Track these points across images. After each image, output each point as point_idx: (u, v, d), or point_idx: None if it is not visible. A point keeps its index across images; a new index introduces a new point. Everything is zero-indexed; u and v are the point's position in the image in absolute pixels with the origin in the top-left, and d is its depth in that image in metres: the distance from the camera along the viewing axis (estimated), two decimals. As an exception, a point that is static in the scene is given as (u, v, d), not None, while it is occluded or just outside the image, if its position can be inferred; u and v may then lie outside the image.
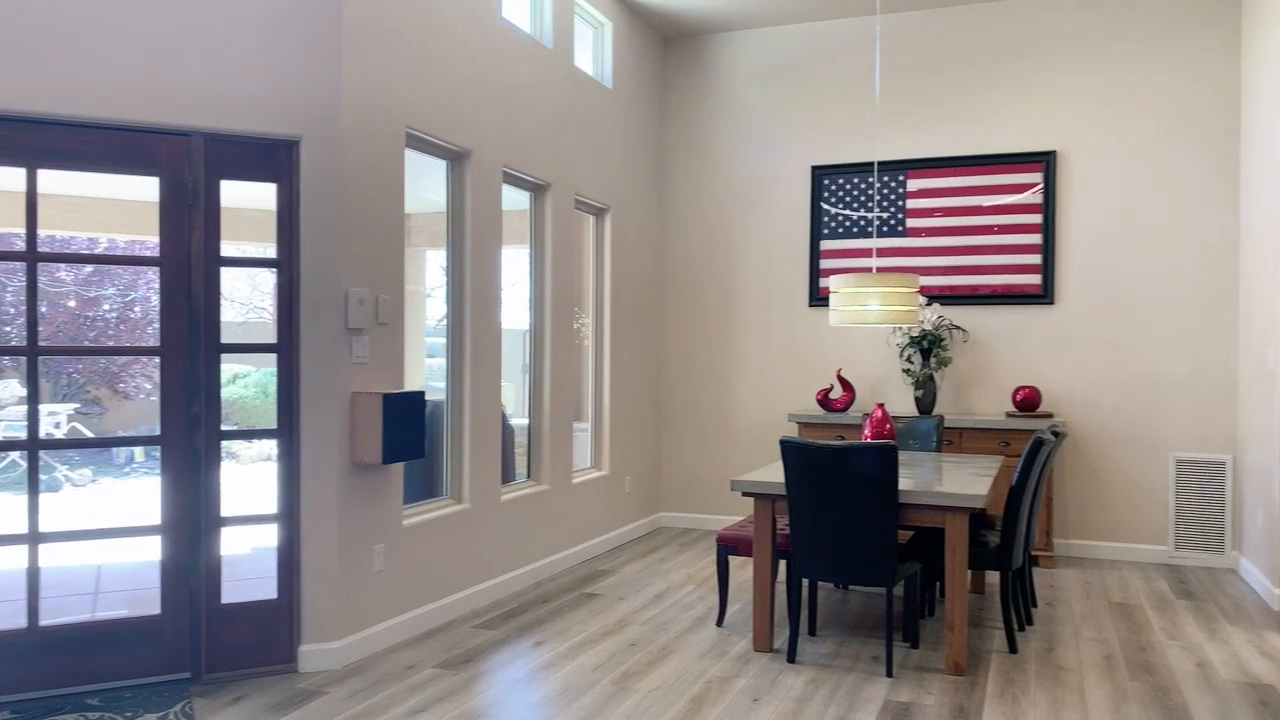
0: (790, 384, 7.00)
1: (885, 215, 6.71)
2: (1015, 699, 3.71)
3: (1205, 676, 3.99)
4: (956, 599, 3.98)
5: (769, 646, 4.28)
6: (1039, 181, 6.38)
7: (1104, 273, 6.28)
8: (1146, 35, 6.18)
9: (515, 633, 4.56)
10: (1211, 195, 6.06)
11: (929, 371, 6.30)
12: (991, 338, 6.51)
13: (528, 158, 5.50)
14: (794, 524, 4.09)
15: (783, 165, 7.02)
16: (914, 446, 5.58)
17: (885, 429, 4.73)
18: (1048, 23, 6.39)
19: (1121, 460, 6.25)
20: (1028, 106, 6.43)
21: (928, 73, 6.65)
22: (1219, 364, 6.06)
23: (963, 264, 6.53)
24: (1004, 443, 6.02)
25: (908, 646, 4.36)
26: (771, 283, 7.05)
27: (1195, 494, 6.06)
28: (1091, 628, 4.69)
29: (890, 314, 4.54)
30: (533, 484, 5.73)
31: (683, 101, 7.30)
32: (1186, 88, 6.11)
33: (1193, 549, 6.07)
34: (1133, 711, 3.59)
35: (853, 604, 5.09)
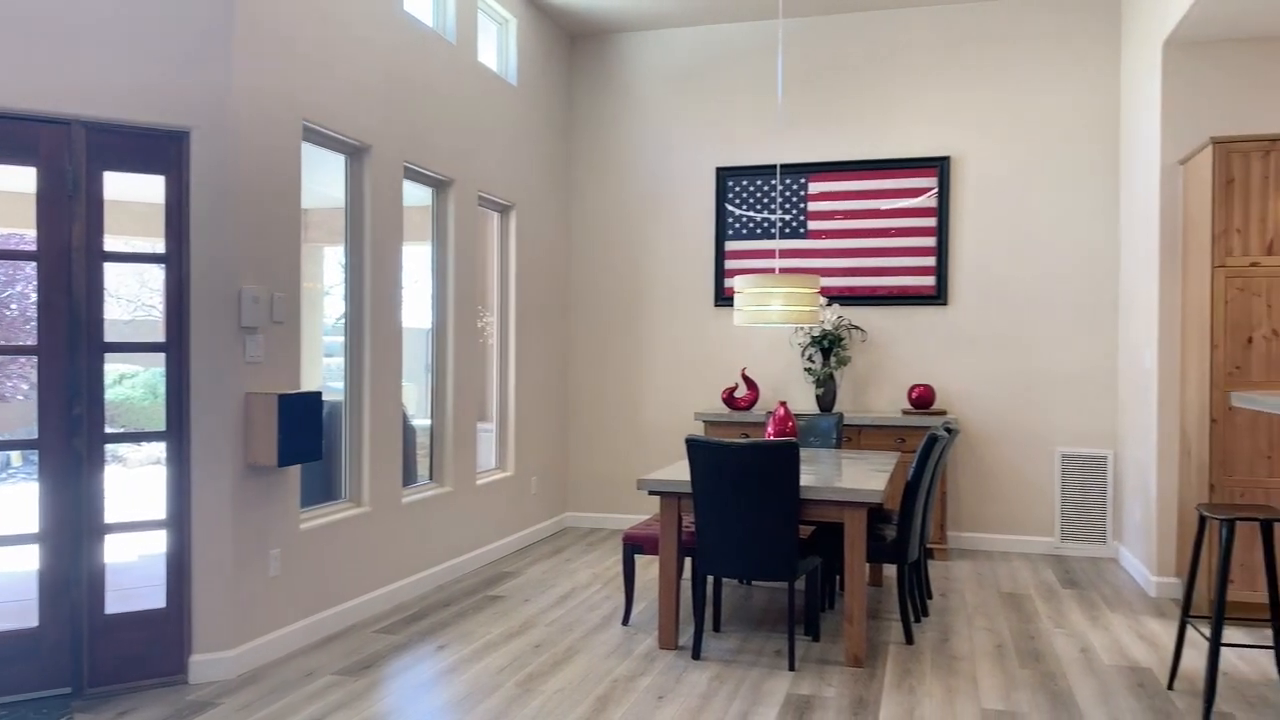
0: (696, 383, 7.06)
1: (787, 217, 6.82)
2: (912, 689, 3.82)
3: (1089, 662, 4.17)
4: (855, 592, 4.07)
5: (674, 644, 4.30)
6: (934, 186, 6.58)
7: (994, 275, 6.51)
8: (1033, 47, 6.44)
9: (417, 637, 4.48)
10: (1094, 201, 6.35)
11: (829, 370, 6.44)
12: (888, 337, 6.69)
13: (430, 153, 5.41)
14: (699, 522, 4.13)
15: (688, 166, 7.08)
16: (815, 443, 5.69)
17: (788, 427, 4.81)
18: (941, 32, 6.59)
19: (1010, 455, 6.49)
20: (924, 113, 6.63)
21: (829, 77, 6.79)
22: (1101, 363, 6.35)
23: (861, 265, 6.69)
24: (900, 439, 6.19)
25: (809, 640, 4.44)
26: (678, 282, 7.10)
27: (1079, 487, 6.34)
28: (983, 618, 4.85)
29: (792, 314, 4.62)
30: (435, 485, 5.64)
31: (589, 100, 7.29)
32: (1071, 98, 6.38)
33: (1077, 540, 6.35)
34: (1022, 698, 3.73)
35: (756, 599, 5.16)
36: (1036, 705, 3.64)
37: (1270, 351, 4.70)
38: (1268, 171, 4.72)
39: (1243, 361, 4.73)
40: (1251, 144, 4.73)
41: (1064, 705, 3.64)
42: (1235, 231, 4.75)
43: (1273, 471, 4.69)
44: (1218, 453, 4.75)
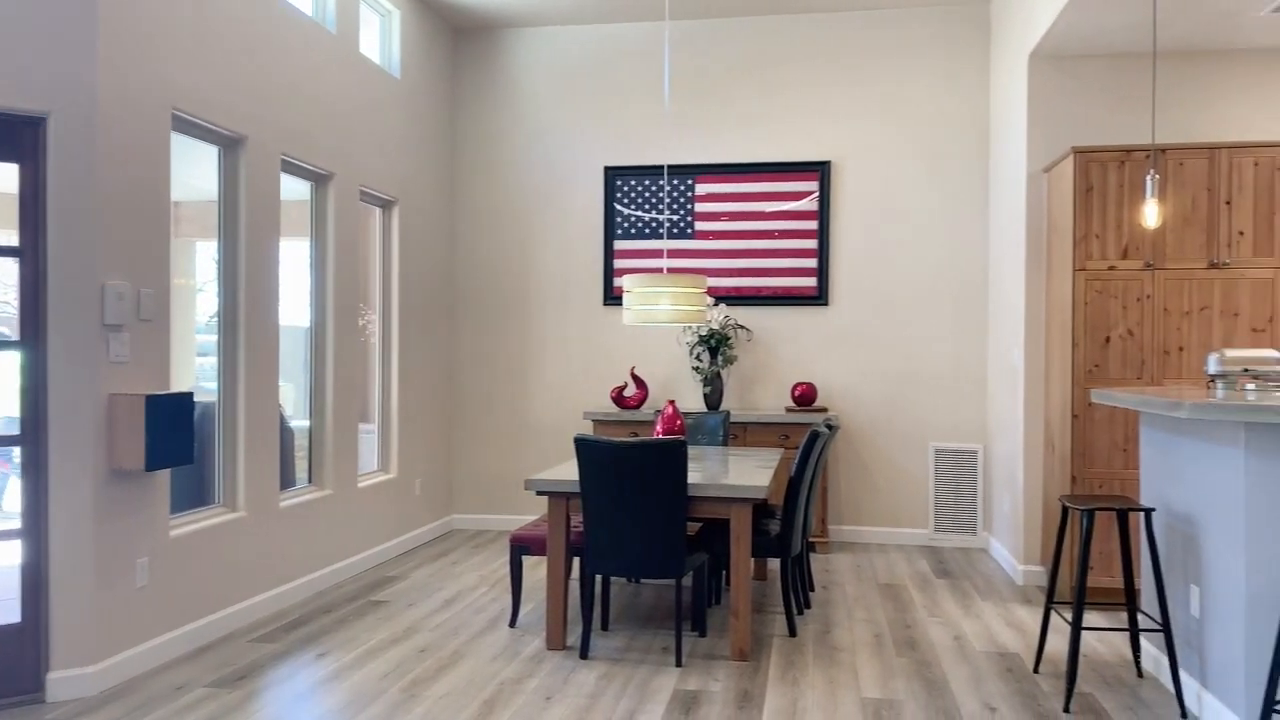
0: (586, 382, 7.05)
1: (675, 218, 6.88)
2: (795, 680, 3.90)
3: (961, 649, 4.34)
4: (741, 587, 4.14)
5: (562, 644, 4.29)
6: (815, 190, 6.74)
7: (872, 277, 6.72)
8: (909, 56, 6.67)
9: (296, 645, 4.34)
10: (966, 206, 6.62)
11: (716, 369, 6.52)
12: (773, 337, 6.82)
13: (309, 146, 5.25)
14: (588, 521, 4.12)
15: (577, 164, 7.06)
16: (703, 441, 5.76)
17: (676, 425, 4.85)
18: (823, 40, 6.76)
19: (888, 450, 6.71)
20: (806, 118, 6.79)
21: (716, 80, 6.88)
22: (972, 361, 6.62)
23: (747, 266, 6.81)
24: (784, 436, 6.32)
25: (696, 635, 4.49)
26: (567, 281, 7.08)
27: (951, 481, 6.60)
28: (863, 609, 5.00)
29: (680, 313, 4.66)
30: (314, 489, 5.47)
31: (476, 96, 7.19)
32: (944, 106, 6.64)
33: (950, 531, 6.61)
34: (899, 686, 3.86)
35: (644, 597, 5.19)
36: (913, 693, 3.77)
37: (1126, 350, 4.99)
38: (1123, 180, 5.00)
39: (1101, 360, 5.01)
40: (1109, 154, 5.01)
41: (938, 692, 3.78)
42: (1094, 237, 5.02)
43: (1128, 463, 4.98)
44: (1079, 446, 5.02)
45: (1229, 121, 5.45)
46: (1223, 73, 5.45)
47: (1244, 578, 3.21)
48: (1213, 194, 4.92)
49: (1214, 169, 4.92)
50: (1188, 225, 4.94)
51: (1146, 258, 4.97)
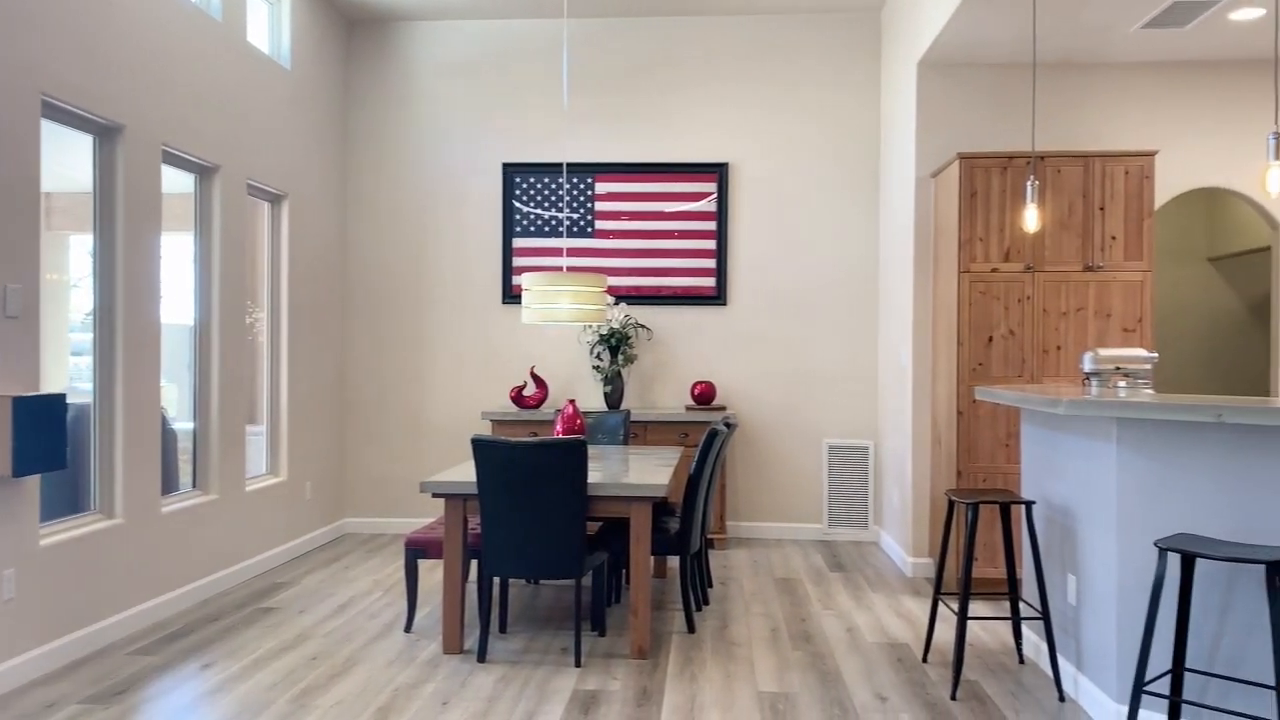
0: (484, 381, 6.97)
1: (575, 216, 6.86)
2: (693, 676, 3.94)
3: (854, 641, 4.45)
4: (640, 586, 4.15)
5: (459, 648, 4.23)
6: (714, 191, 6.81)
7: (769, 278, 6.83)
8: (803, 61, 6.80)
9: (179, 656, 4.16)
10: (858, 209, 6.78)
11: (617, 368, 6.53)
12: (673, 336, 6.87)
13: (193, 137, 5.04)
14: (485, 523, 4.07)
15: (475, 161, 6.98)
16: (603, 440, 5.75)
17: (576, 424, 4.84)
18: (720, 42, 6.84)
19: (784, 447, 6.84)
20: (705, 119, 6.85)
21: (616, 79, 6.89)
22: (864, 360, 6.80)
23: (647, 266, 6.84)
24: (683, 434, 6.37)
25: (596, 635, 4.49)
26: (464, 279, 6.98)
27: (844, 476, 6.76)
28: (760, 603, 5.08)
29: (580, 312, 4.64)
30: (199, 493, 5.26)
31: (371, 89, 7.03)
32: (837, 111, 6.79)
33: (843, 526, 6.77)
34: (794, 679, 3.93)
35: (543, 598, 5.16)
36: (808, 685, 3.85)
37: (1007, 349, 5.19)
38: (1005, 186, 5.20)
39: (984, 359, 5.20)
40: (992, 160, 5.21)
41: (832, 683, 3.87)
42: (978, 240, 5.21)
43: (1010, 458, 5.19)
44: (964, 442, 5.20)
45: (1103, 131, 5.73)
46: (1097, 84, 5.73)
47: (1116, 566, 3.38)
48: (1088, 200, 5.16)
49: (1089, 176, 5.16)
50: (1065, 230, 5.17)
51: (1027, 260, 5.18)
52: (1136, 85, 5.72)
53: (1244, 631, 3.09)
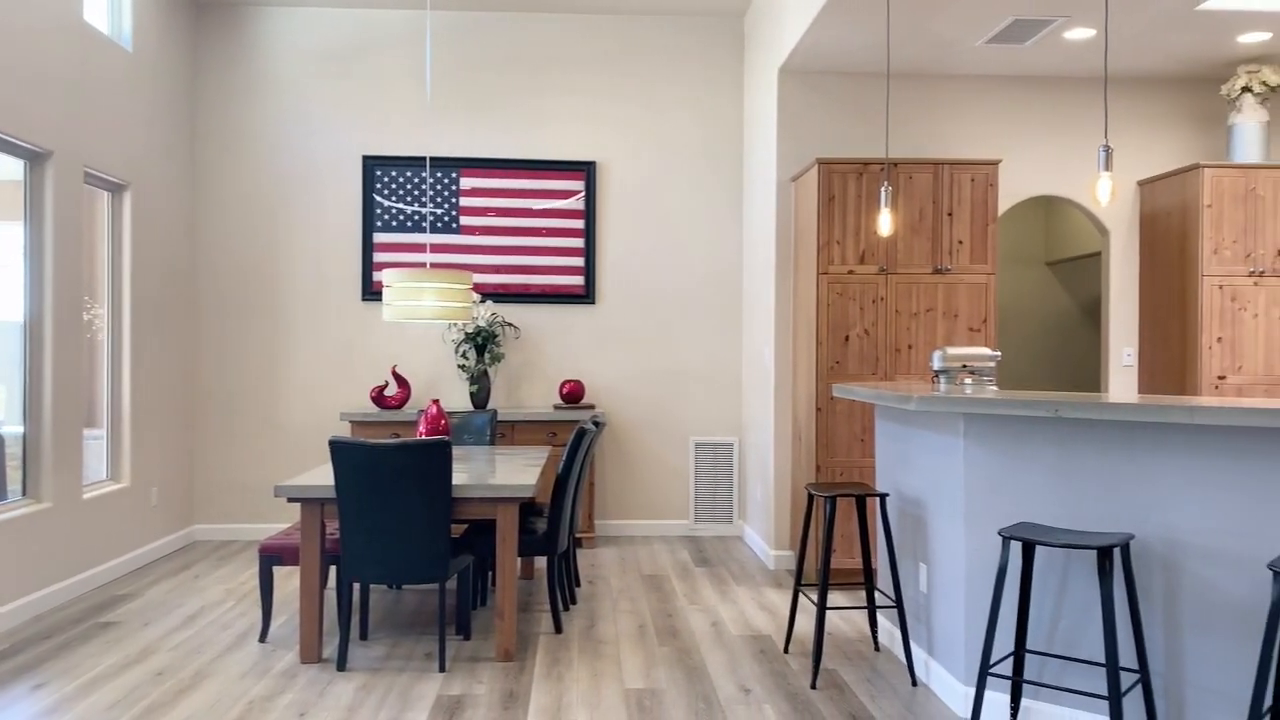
0: (343, 381, 6.76)
1: (439, 211, 6.73)
2: (560, 677, 3.92)
3: (719, 634, 4.53)
4: (506, 587, 4.10)
5: (318, 657, 4.08)
6: (582, 189, 6.81)
7: (637, 277, 6.87)
8: (670, 63, 6.87)
9: (8, 676, 3.87)
10: (723, 210, 6.90)
11: (483, 367, 6.44)
12: (541, 334, 6.83)
13: (22, 120, 4.69)
14: (345, 527, 3.94)
15: (334, 153, 6.75)
16: (469, 441, 5.67)
17: (440, 425, 4.74)
18: (588, 40, 6.84)
19: (652, 445, 6.90)
20: (573, 117, 6.84)
21: (481, 74, 6.79)
22: (729, 359, 6.92)
23: (514, 263, 6.77)
24: (552, 433, 6.34)
25: (461, 639, 4.41)
26: (323, 275, 6.75)
27: (710, 473, 6.87)
28: (627, 601, 5.10)
29: (445, 310, 4.56)
30: (30, 502, 4.91)
31: (223, 76, 6.71)
32: (702, 113, 6.89)
33: (709, 521, 6.88)
34: (661, 675, 3.96)
35: (406, 603, 5.04)
36: (674, 680, 3.89)
37: (863, 348, 5.38)
38: (861, 191, 5.39)
39: (842, 357, 5.38)
40: (849, 166, 5.38)
41: (698, 677, 3.92)
42: (836, 243, 5.38)
43: (866, 452, 5.38)
44: (823, 437, 5.36)
45: (951, 140, 6.01)
46: (947, 95, 6.00)
47: (963, 555, 3.55)
48: (937, 206, 5.40)
49: (938, 183, 5.40)
50: (916, 234, 5.39)
51: (881, 263, 5.39)
52: (982, 97, 6.02)
53: (1079, 613, 3.30)
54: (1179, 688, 3.09)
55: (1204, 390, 5.44)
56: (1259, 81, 5.60)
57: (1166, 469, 3.10)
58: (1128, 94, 6.07)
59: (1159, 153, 6.07)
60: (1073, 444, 3.30)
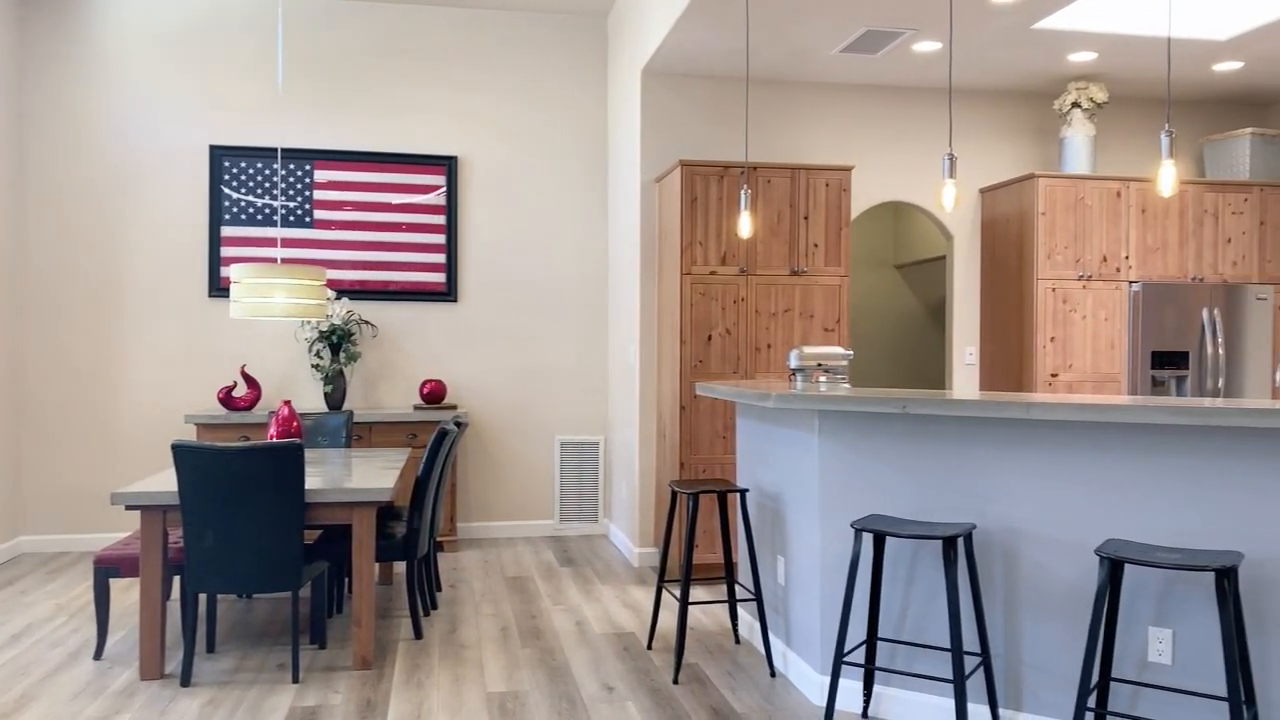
0: (188, 382, 6.41)
1: (292, 205, 6.48)
2: (420, 684, 3.83)
3: (582, 634, 4.52)
4: (364, 594, 3.98)
5: (160, 673, 3.86)
6: (443, 184, 6.68)
7: (501, 274, 6.80)
8: (535, 59, 6.82)
9: None
10: (588, 209, 6.90)
11: (339, 366, 6.24)
12: (401, 333, 6.66)
13: None
14: (189, 535, 3.74)
15: (179, 142, 6.40)
16: (324, 443, 5.48)
17: (292, 427, 4.56)
18: (450, 33, 6.71)
19: (516, 445, 6.83)
20: (433, 111, 6.70)
21: (338, 63, 6.57)
22: (594, 357, 6.93)
23: (373, 259, 6.58)
24: (412, 435, 6.20)
25: (316, 648, 4.26)
26: (165, 270, 6.39)
27: (575, 471, 6.86)
28: (490, 603, 5.04)
29: (297, 307, 4.39)
30: None
31: (51, 58, 6.25)
32: (567, 111, 6.87)
33: (574, 521, 6.87)
34: (524, 677, 3.93)
35: (258, 613, 4.83)
36: (537, 682, 3.86)
37: (724, 347, 5.48)
38: (722, 193, 5.49)
39: (704, 356, 5.46)
40: (710, 169, 5.47)
41: (561, 678, 3.90)
42: (698, 244, 5.46)
43: (728, 449, 5.48)
44: (686, 435, 5.43)
45: (807, 145, 6.19)
46: (804, 101, 6.18)
47: (819, 547, 3.65)
48: (794, 209, 5.55)
49: (795, 187, 5.55)
50: (774, 236, 5.53)
51: (741, 264, 5.50)
52: (837, 104, 6.23)
53: (926, 601, 3.44)
54: (1017, 668, 3.27)
55: (1038, 387, 5.79)
56: (1087, 98, 5.99)
57: (1005, 461, 3.28)
58: (971, 105, 6.39)
59: (999, 162, 6.42)
60: (920, 439, 3.45)
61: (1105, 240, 5.89)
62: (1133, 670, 3.05)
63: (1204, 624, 2.94)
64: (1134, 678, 3.05)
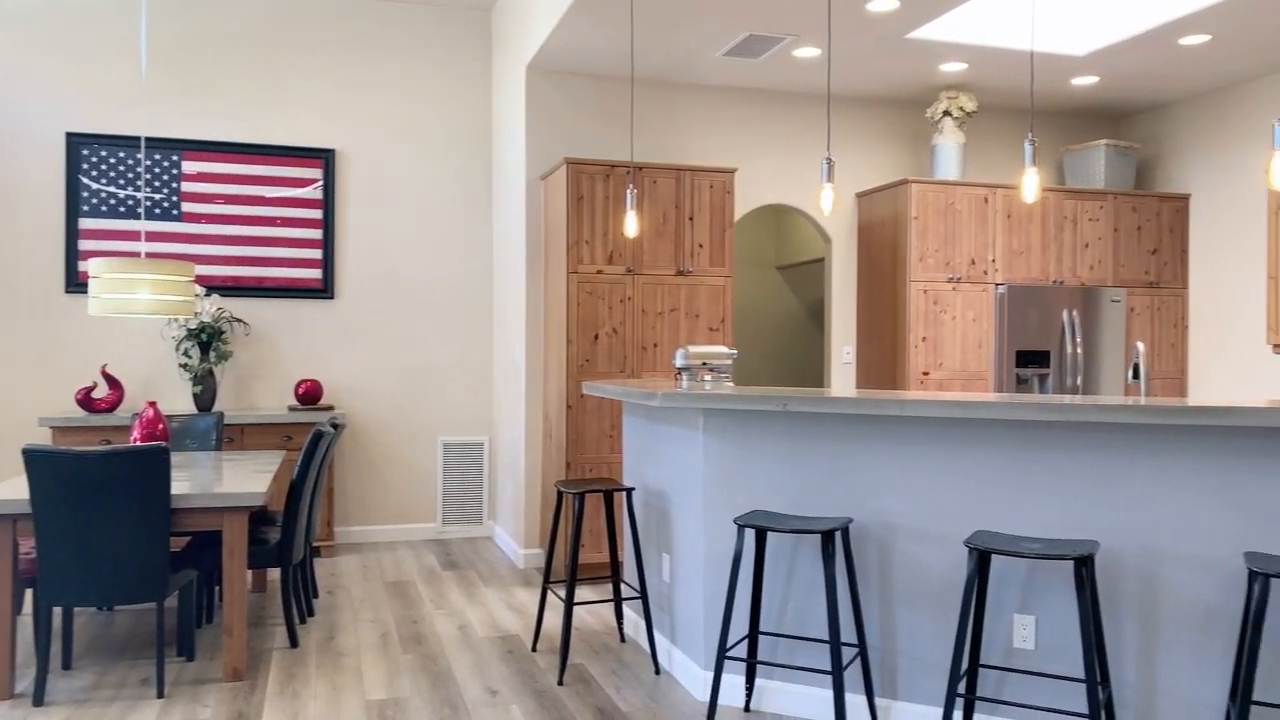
0: (42, 383, 6.03)
1: (158, 197, 6.17)
2: (296, 693, 3.70)
3: (466, 638, 4.45)
4: (235, 602, 3.82)
5: (9, 693, 3.61)
6: (320, 178, 6.47)
7: (382, 272, 6.63)
8: (417, 52, 6.68)
9: None
10: (473, 205, 6.80)
11: (209, 366, 5.98)
12: (275, 331, 6.43)
13: None
14: (43, 545, 3.51)
15: (31, 129, 6.01)
16: (192, 446, 5.24)
17: (158, 429, 4.34)
18: (329, 23, 6.51)
19: (397, 446, 6.68)
20: (311, 103, 6.48)
21: (209, 51, 6.28)
22: (479, 356, 6.83)
23: (245, 255, 6.33)
24: (287, 436, 5.99)
25: (183, 661, 4.06)
26: (16, 263, 5.99)
27: (459, 473, 6.76)
28: (369, 610, 4.91)
29: (163, 304, 4.18)
30: None
31: (-117, 29, 5.78)
32: (451, 106, 6.76)
33: (457, 523, 6.76)
34: (405, 683, 3.84)
35: (119, 625, 4.58)
36: (418, 688, 3.78)
37: (612, 347, 5.48)
38: (609, 192, 5.49)
39: (591, 355, 5.45)
40: (596, 167, 5.47)
41: (443, 683, 3.83)
42: (585, 243, 5.44)
43: (614, 448, 5.49)
44: (573, 434, 5.41)
45: (692, 147, 6.25)
46: (689, 103, 6.23)
47: (703, 543, 3.69)
48: (680, 210, 5.60)
49: (680, 188, 5.60)
50: (660, 236, 5.56)
51: (628, 264, 5.51)
52: (721, 107, 6.31)
53: (806, 595, 3.52)
54: (892, 658, 3.37)
55: (911, 385, 6.00)
56: (958, 107, 6.24)
57: (881, 457, 3.38)
58: (849, 112, 6.57)
59: (875, 167, 6.62)
60: (801, 436, 3.52)
61: (973, 244, 6.14)
62: (999, 656, 3.19)
63: (1064, 610, 3.09)
64: (1001, 663, 3.18)
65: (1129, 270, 6.50)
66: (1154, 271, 6.54)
